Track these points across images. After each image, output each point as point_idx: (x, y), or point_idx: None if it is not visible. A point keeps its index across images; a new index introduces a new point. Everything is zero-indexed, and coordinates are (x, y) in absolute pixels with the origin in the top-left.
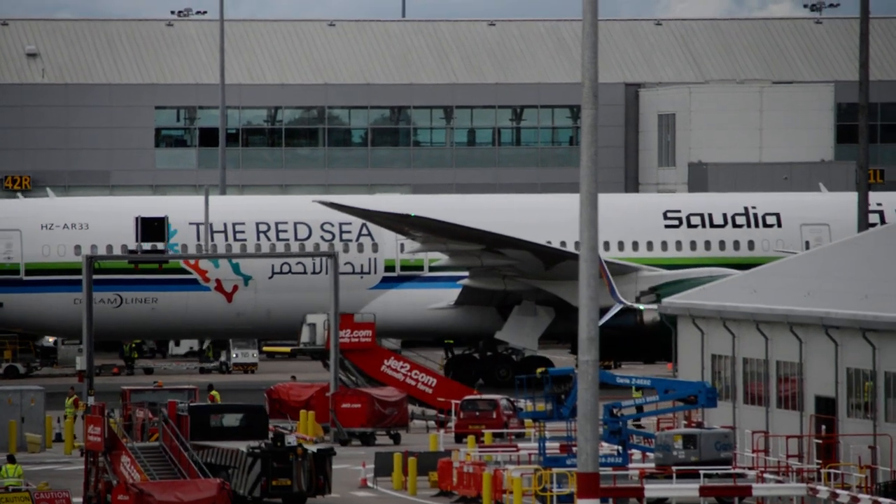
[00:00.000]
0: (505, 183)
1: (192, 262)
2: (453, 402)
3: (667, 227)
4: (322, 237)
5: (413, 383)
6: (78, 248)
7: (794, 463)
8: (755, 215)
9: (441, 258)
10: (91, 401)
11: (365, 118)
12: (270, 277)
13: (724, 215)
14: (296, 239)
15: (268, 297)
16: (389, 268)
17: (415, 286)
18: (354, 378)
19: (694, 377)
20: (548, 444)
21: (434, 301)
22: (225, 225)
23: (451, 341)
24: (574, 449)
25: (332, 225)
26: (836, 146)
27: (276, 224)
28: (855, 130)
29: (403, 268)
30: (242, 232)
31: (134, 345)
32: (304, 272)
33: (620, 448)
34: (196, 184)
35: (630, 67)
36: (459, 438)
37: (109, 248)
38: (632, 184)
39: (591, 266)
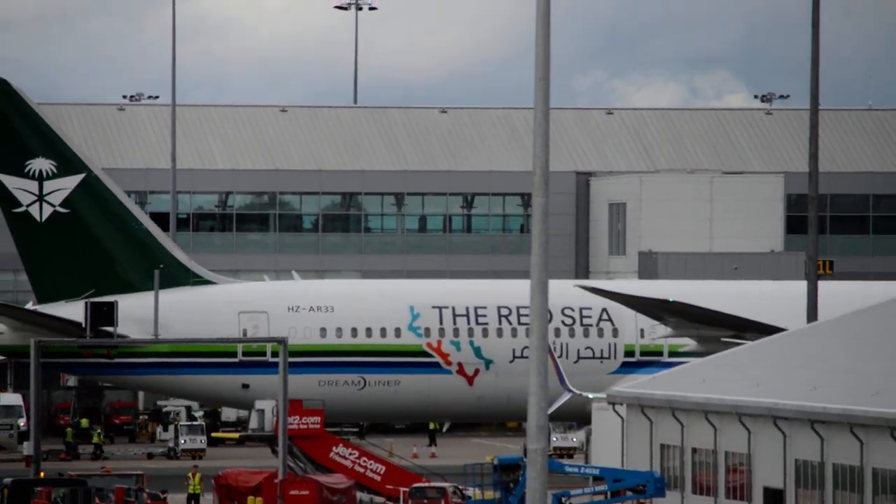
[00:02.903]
0: (455, 270)
1: (434, 345)
2: (402, 489)
3: None
4: (563, 321)
5: (362, 470)
6: (323, 330)
7: None
8: None
9: (687, 343)
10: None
11: (316, 204)
12: (511, 361)
13: None
14: None
15: (508, 381)
16: (629, 353)
17: (655, 371)
18: (303, 464)
19: (642, 466)
20: None
21: None
22: (467, 308)
23: (436, 426)
24: None
25: (573, 310)
26: (786, 237)
27: (518, 308)
28: (805, 221)
29: (643, 353)
30: (484, 316)
31: (97, 430)
32: None
33: None
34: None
35: (581, 156)
36: None
37: (354, 330)
38: (582, 272)
39: (540, 354)
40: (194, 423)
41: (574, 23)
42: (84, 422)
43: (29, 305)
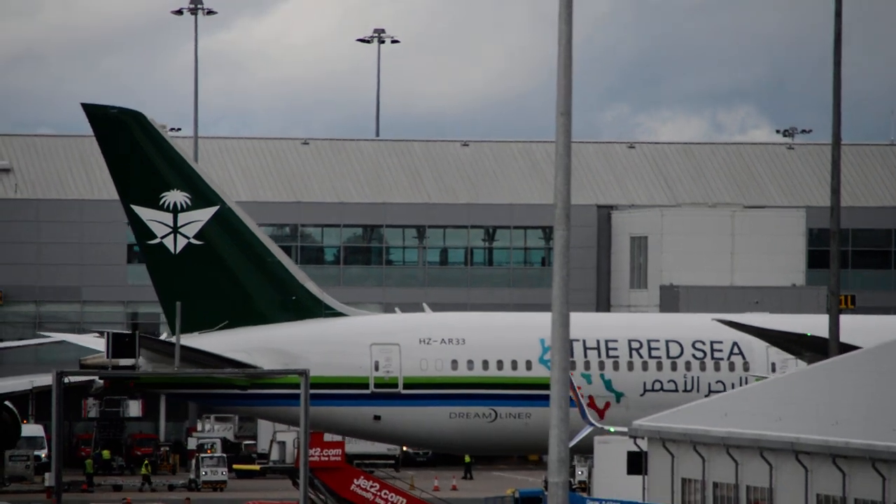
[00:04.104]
0: (477, 303)
1: None
2: None
3: None
4: (693, 355)
5: (383, 503)
6: (455, 362)
7: None
8: None
9: None
10: None
11: (338, 236)
12: (642, 395)
13: None
14: (667, 357)
15: (639, 414)
16: None
17: None
18: (324, 497)
19: (664, 501)
20: None
21: None
22: (598, 341)
23: (470, 459)
24: None
25: (704, 343)
26: (808, 271)
27: (648, 342)
28: (826, 256)
29: None
30: (615, 349)
31: (145, 462)
32: (676, 390)
33: None
34: None
35: (603, 189)
36: None
37: (485, 363)
38: (603, 305)
39: (561, 387)
40: (215, 454)
41: (598, 57)
42: (106, 453)
43: (163, 337)
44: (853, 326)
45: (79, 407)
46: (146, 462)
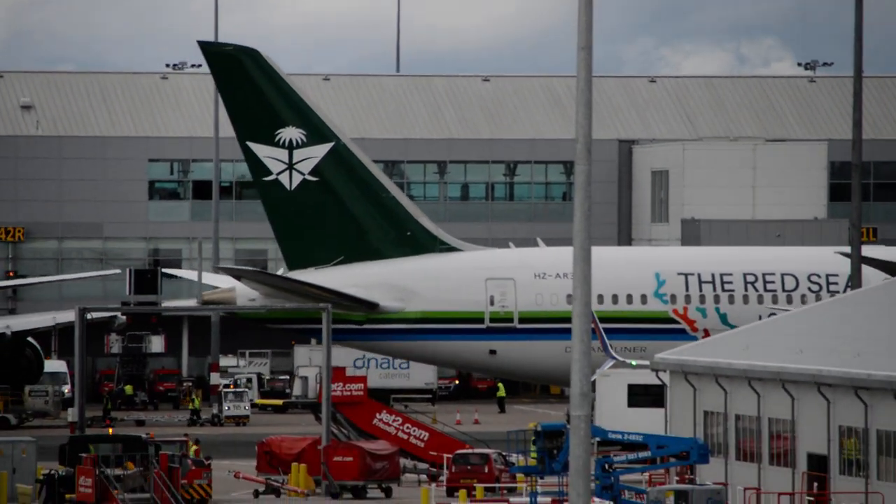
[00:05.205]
0: (498, 238)
1: (680, 311)
2: (445, 455)
3: None
4: (809, 288)
5: (405, 437)
6: (570, 297)
7: None
8: None
9: None
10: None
11: None
12: None
13: None
14: (783, 290)
15: None
16: None
17: None
18: (346, 431)
19: (686, 433)
20: (539, 498)
21: None
22: (713, 275)
23: (504, 395)
24: None
25: (819, 276)
26: (830, 204)
27: (764, 275)
28: (848, 189)
29: None
30: (730, 283)
31: (195, 397)
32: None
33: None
34: (189, 236)
35: (624, 124)
36: (451, 492)
37: (601, 297)
38: (625, 239)
39: (583, 321)
40: (238, 389)
41: None
42: (129, 389)
43: (280, 272)
44: None
45: (101, 343)
46: (192, 397)
